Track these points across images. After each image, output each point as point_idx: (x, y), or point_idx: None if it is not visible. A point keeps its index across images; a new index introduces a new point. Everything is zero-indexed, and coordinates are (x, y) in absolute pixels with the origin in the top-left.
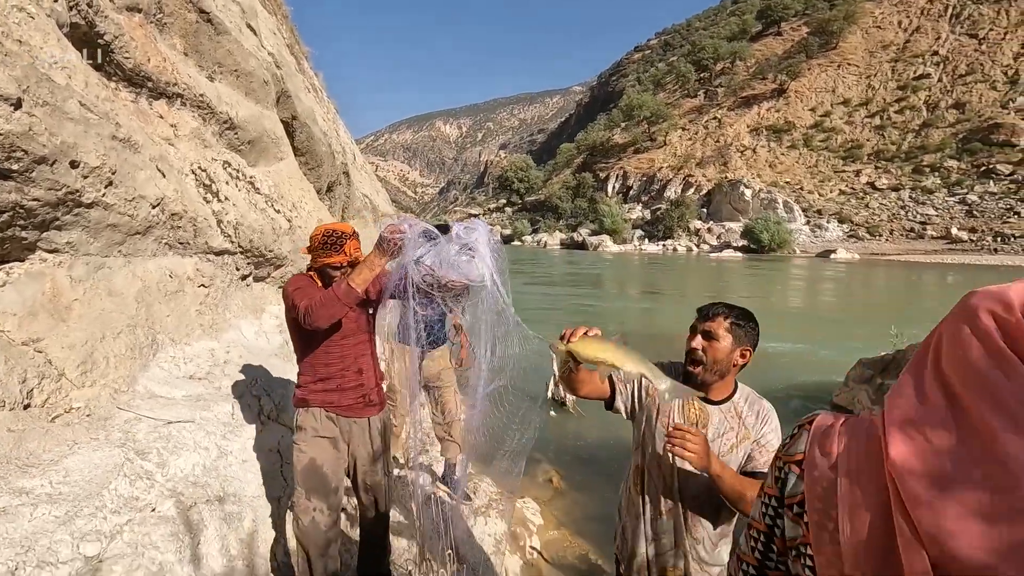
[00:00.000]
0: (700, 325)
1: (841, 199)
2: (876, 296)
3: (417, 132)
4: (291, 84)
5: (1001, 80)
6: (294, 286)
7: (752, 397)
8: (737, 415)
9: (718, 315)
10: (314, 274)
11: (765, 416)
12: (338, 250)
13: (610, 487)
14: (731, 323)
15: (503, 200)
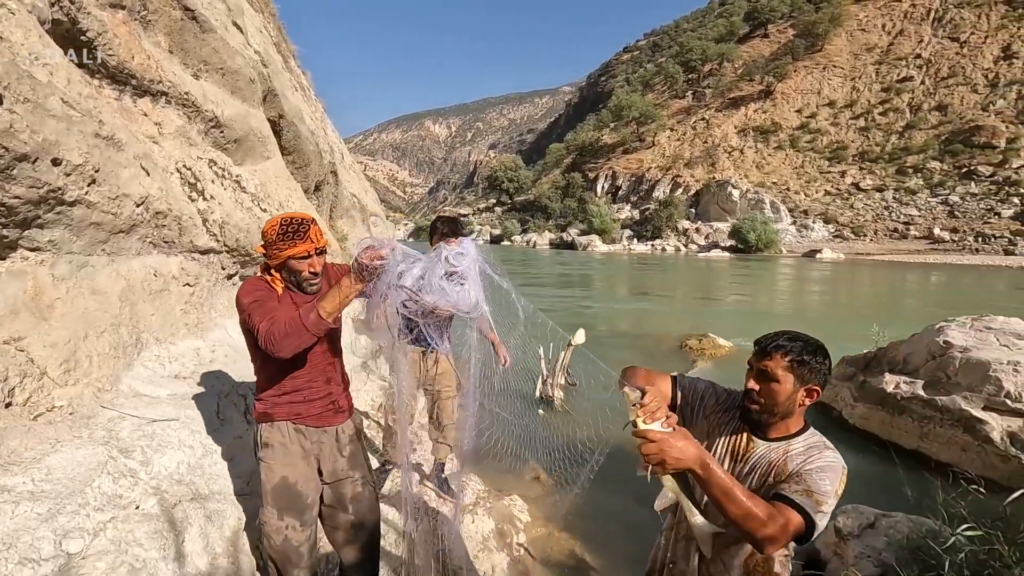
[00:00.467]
0: (756, 363)
1: (827, 200)
2: (860, 296)
3: (406, 132)
4: (278, 82)
5: (982, 83)
6: (250, 297)
7: (816, 442)
8: (785, 453)
9: (776, 352)
10: (275, 274)
11: (819, 460)
12: (303, 237)
13: (597, 484)
14: (791, 361)
15: (492, 200)
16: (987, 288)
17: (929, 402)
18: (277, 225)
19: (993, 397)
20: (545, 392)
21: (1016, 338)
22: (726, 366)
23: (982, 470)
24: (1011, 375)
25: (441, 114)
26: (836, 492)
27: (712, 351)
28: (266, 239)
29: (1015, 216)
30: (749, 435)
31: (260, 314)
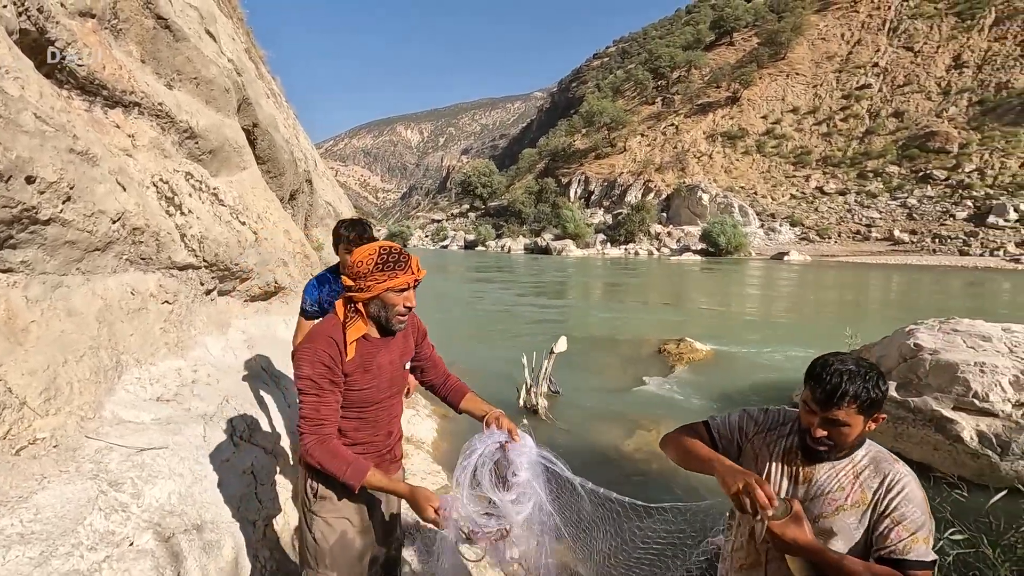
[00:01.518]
0: (821, 412)
1: (792, 203)
2: (829, 297)
3: (378, 137)
4: (252, 91)
5: (935, 91)
6: (311, 368)
7: (880, 456)
8: (854, 474)
9: (843, 401)
10: (361, 309)
11: (897, 483)
12: (403, 267)
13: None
14: (860, 405)
15: (466, 205)
16: (945, 288)
17: (902, 403)
18: (374, 254)
19: (962, 397)
20: (529, 401)
21: (981, 339)
22: (704, 370)
23: (953, 468)
24: (978, 376)
25: (413, 119)
26: (928, 512)
27: (690, 355)
28: (358, 270)
29: (968, 218)
30: (805, 456)
31: (312, 405)
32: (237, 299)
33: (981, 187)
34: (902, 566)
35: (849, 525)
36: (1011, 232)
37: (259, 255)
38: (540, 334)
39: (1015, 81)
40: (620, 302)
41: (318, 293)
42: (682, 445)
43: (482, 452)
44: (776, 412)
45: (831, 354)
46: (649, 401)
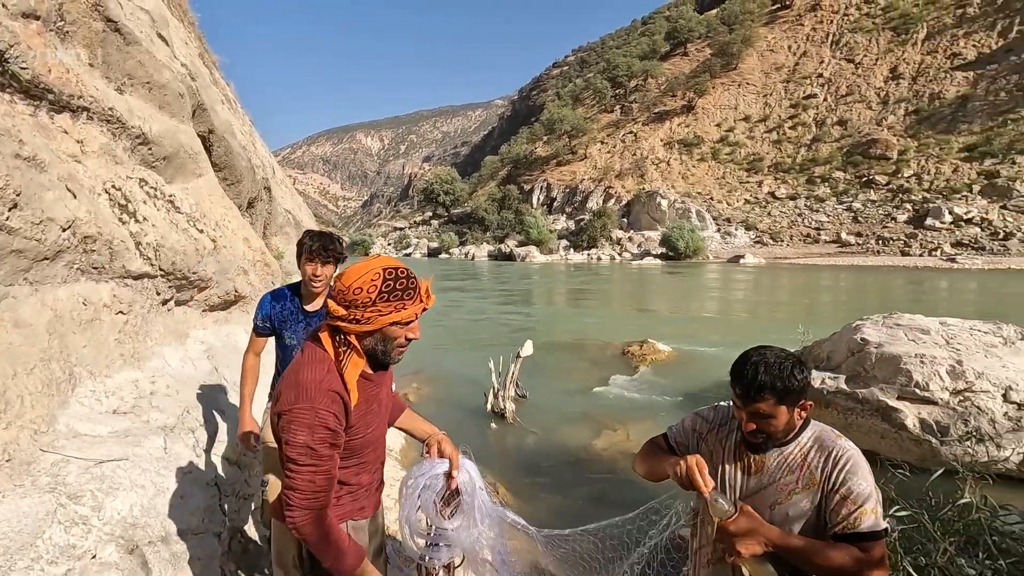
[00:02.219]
0: (744, 407)
1: (747, 208)
2: (783, 297)
3: (337, 144)
4: (206, 96)
5: (875, 100)
6: (308, 434)
7: (824, 435)
8: (801, 456)
9: (760, 394)
10: (354, 343)
11: (842, 458)
12: (412, 296)
13: (553, 495)
14: (778, 395)
15: (429, 213)
16: (888, 286)
17: (851, 395)
18: (378, 279)
19: (905, 388)
20: (497, 405)
21: (921, 333)
22: (666, 370)
23: (899, 454)
24: (919, 367)
25: (373, 127)
26: (873, 483)
27: (653, 356)
28: (356, 298)
29: (908, 220)
30: (749, 448)
31: (307, 476)
32: (196, 309)
33: (919, 191)
34: (856, 539)
35: (803, 507)
36: (947, 233)
37: (218, 263)
38: (506, 339)
39: (946, 92)
40: (584, 306)
41: (270, 309)
42: (645, 462)
43: (425, 485)
44: (725, 408)
45: (752, 349)
46: (615, 401)
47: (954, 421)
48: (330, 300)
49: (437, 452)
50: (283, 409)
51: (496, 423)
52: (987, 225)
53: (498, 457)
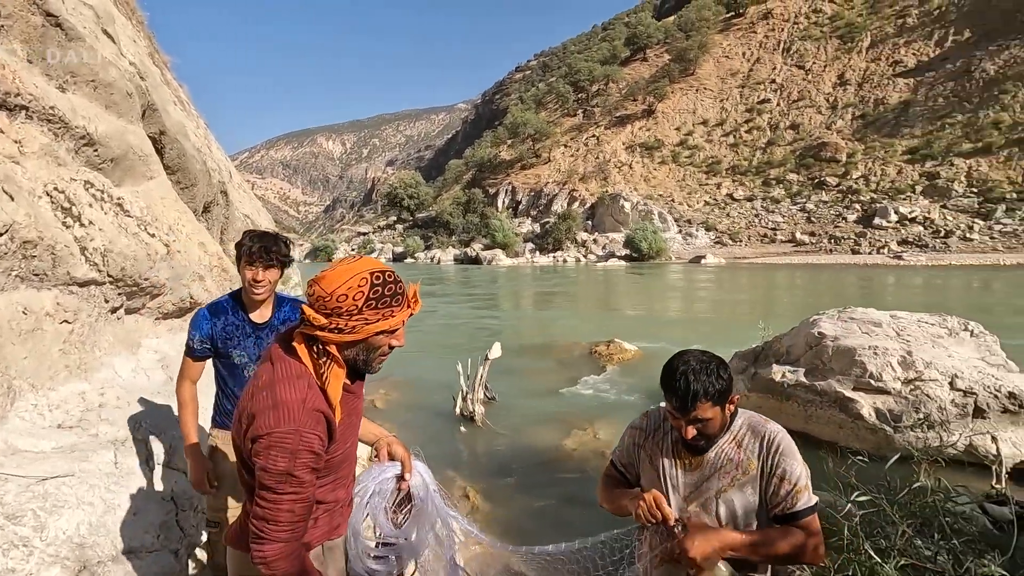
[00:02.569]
0: (684, 417)
1: (706, 209)
2: (743, 295)
3: (297, 148)
4: (157, 96)
5: (824, 105)
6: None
7: (754, 421)
8: (736, 444)
9: (696, 402)
10: (335, 353)
11: (773, 442)
12: (400, 302)
13: (525, 497)
14: (711, 400)
15: (393, 217)
16: (841, 283)
17: (810, 387)
18: (365, 285)
19: (860, 379)
20: (466, 409)
21: (874, 325)
22: (633, 369)
23: (857, 443)
24: (873, 358)
25: (334, 130)
26: (802, 461)
27: (619, 356)
28: (342, 307)
29: (858, 220)
30: (689, 451)
31: (285, 505)
32: (148, 317)
33: (867, 192)
34: (795, 518)
35: (746, 492)
36: (893, 232)
37: (172, 269)
38: (474, 342)
39: (889, 97)
40: (551, 308)
41: (210, 327)
42: (608, 499)
43: (375, 491)
44: (656, 413)
45: (675, 359)
46: (583, 401)
47: (906, 409)
48: (307, 307)
49: (387, 455)
50: (261, 433)
51: (465, 426)
52: (929, 224)
53: (468, 461)
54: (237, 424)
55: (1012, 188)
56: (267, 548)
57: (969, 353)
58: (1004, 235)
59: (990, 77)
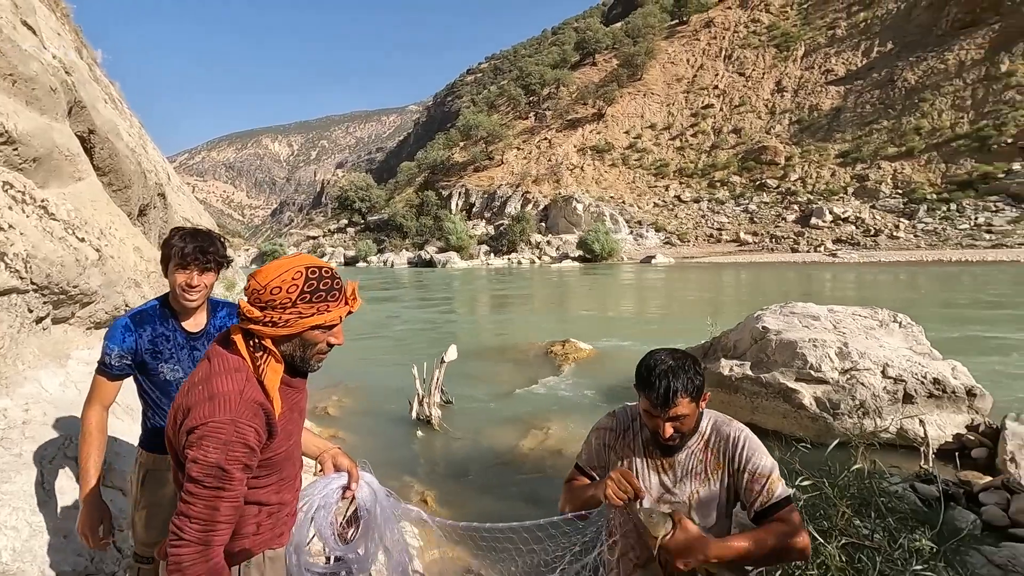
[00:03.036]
0: (663, 414)
1: (656, 211)
2: (692, 293)
3: (241, 150)
4: (85, 93)
5: (764, 111)
6: (223, 452)
7: (719, 420)
8: (704, 444)
9: (676, 398)
10: (271, 347)
11: (739, 440)
12: (337, 298)
13: (483, 499)
14: (690, 395)
15: (344, 220)
16: (782, 279)
17: (756, 380)
18: (300, 278)
19: (801, 370)
20: (422, 413)
21: (812, 319)
22: (589, 367)
23: (799, 431)
24: (812, 350)
25: (280, 131)
26: (768, 454)
27: (575, 355)
28: (276, 299)
29: (796, 220)
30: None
31: (209, 503)
32: (78, 327)
33: (804, 194)
34: (774, 509)
35: (715, 491)
36: (828, 231)
37: (104, 276)
38: (430, 346)
39: (822, 104)
40: (507, 309)
41: (134, 339)
42: (573, 501)
43: (318, 505)
44: (623, 412)
45: (651, 358)
46: (541, 401)
47: (844, 397)
48: (242, 300)
49: (332, 467)
50: (195, 424)
51: (422, 431)
52: (860, 223)
53: (425, 465)
54: (172, 421)
55: (932, 190)
56: (184, 550)
57: (898, 343)
58: (926, 233)
59: (911, 86)
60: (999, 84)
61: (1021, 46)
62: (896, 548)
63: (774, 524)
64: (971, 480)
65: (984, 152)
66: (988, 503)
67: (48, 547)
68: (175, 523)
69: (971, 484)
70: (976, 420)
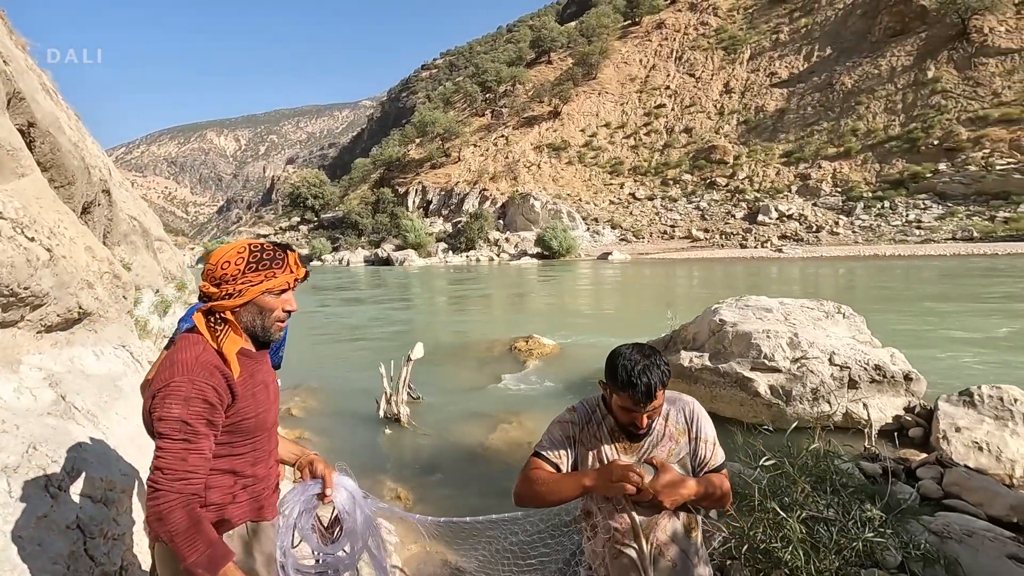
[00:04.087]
0: (645, 406)
1: (611, 208)
2: (648, 288)
3: (184, 144)
4: (24, 83)
5: (713, 111)
6: (183, 407)
7: (672, 396)
8: (663, 419)
9: (657, 391)
10: (230, 318)
11: (693, 411)
12: (281, 265)
13: (455, 492)
14: (664, 386)
15: (296, 218)
16: (733, 274)
17: (714, 370)
18: (244, 251)
19: (756, 360)
20: (390, 411)
21: (765, 311)
22: (553, 363)
23: (755, 418)
24: (766, 340)
25: (227, 125)
26: (710, 419)
27: (539, 351)
28: (224, 272)
29: (744, 217)
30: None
31: (178, 454)
32: (28, 331)
33: (751, 192)
34: (717, 471)
35: (682, 460)
36: (774, 228)
37: (56, 276)
38: (392, 345)
39: (767, 105)
40: (469, 307)
41: None
42: (540, 493)
43: (300, 511)
44: (581, 406)
45: (620, 358)
46: (508, 397)
47: (795, 385)
48: (202, 283)
49: (309, 474)
50: (158, 387)
51: (391, 428)
52: (804, 220)
53: (395, 462)
54: (146, 403)
55: (867, 188)
56: (161, 500)
57: (843, 332)
58: (862, 229)
59: (848, 90)
60: (926, 89)
61: (945, 54)
62: (850, 519)
63: (718, 476)
64: (908, 457)
65: (914, 153)
66: (924, 477)
67: (21, 557)
68: (150, 479)
69: (909, 461)
70: (912, 402)
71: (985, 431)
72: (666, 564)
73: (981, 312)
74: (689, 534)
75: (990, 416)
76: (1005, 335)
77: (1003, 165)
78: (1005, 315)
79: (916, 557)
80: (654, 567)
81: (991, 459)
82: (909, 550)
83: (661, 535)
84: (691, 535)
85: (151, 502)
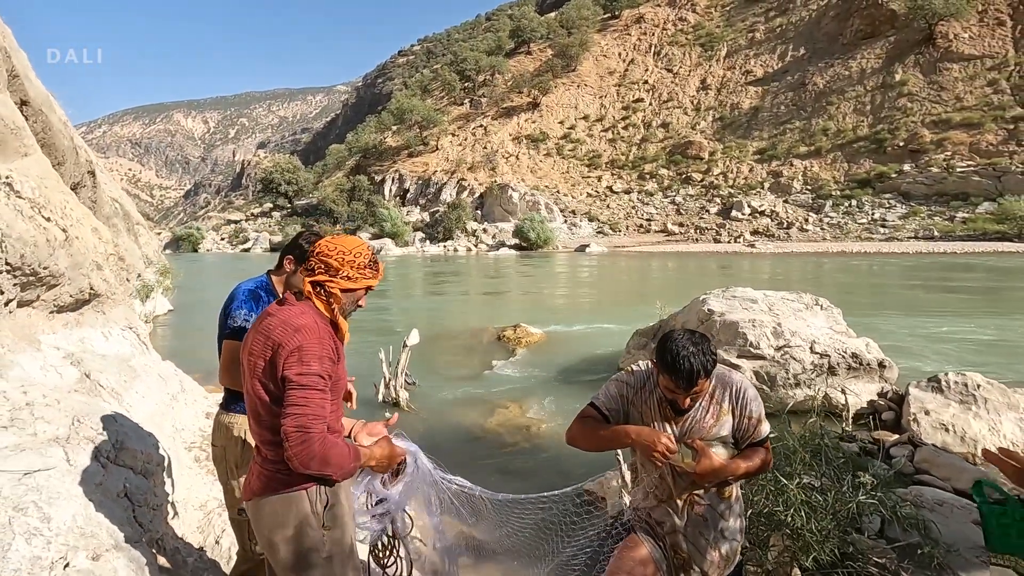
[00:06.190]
0: (687, 390)
1: (589, 200)
2: (627, 279)
3: (149, 125)
4: (18, 60)
5: (690, 107)
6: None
7: (721, 373)
8: (709, 396)
9: (699, 379)
10: (336, 295)
11: (741, 389)
12: (378, 272)
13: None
14: (708, 372)
15: (269, 204)
16: (707, 268)
17: None
18: (369, 250)
19: (743, 348)
20: (388, 395)
21: (751, 302)
22: (542, 350)
23: None
24: (752, 329)
25: (195, 107)
26: (759, 398)
27: (527, 339)
28: (356, 260)
29: (718, 212)
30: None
31: (320, 403)
32: (42, 310)
33: (726, 188)
34: (761, 443)
35: (724, 436)
36: (747, 223)
37: (71, 257)
38: (379, 333)
39: (742, 103)
40: (451, 297)
41: (260, 308)
42: (589, 436)
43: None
44: (640, 372)
45: (671, 342)
46: (502, 382)
47: (779, 371)
48: (328, 259)
49: (366, 435)
50: (294, 346)
51: (391, 412)
52: (775, 216)
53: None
54: (258, 345)
55: (836, 187)
56: (314, 440)
57: (821, 323)
58: (831, 226)
59: (820, 90)
60: (893, 92)
61: (912, 58)
62: (844, 485)
63: (760, 450)
64: (882, 439)
65: (880, 153)
66: (897, 456)
67: (102, 516)
68: (294, 424)
69: (883, 441)
70: (886, 388)
71: (951, 414)
72: (698, 514)
73: (947, 304)
74: (722, 493)
75: (956, 400)
76: (969, 327)
77: (963, 167)
78: (967, 308)
79: (895, 520)
80: (687, 516)
81: (956, 439)
82: (896, 511)
83: (695, 494)
84: (724, 493)
85: (306, 445)
